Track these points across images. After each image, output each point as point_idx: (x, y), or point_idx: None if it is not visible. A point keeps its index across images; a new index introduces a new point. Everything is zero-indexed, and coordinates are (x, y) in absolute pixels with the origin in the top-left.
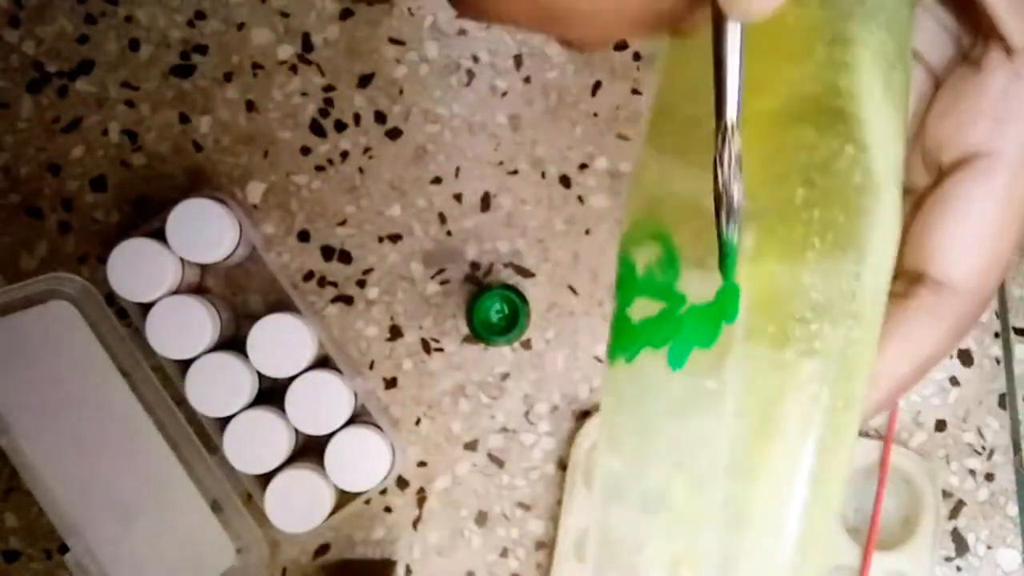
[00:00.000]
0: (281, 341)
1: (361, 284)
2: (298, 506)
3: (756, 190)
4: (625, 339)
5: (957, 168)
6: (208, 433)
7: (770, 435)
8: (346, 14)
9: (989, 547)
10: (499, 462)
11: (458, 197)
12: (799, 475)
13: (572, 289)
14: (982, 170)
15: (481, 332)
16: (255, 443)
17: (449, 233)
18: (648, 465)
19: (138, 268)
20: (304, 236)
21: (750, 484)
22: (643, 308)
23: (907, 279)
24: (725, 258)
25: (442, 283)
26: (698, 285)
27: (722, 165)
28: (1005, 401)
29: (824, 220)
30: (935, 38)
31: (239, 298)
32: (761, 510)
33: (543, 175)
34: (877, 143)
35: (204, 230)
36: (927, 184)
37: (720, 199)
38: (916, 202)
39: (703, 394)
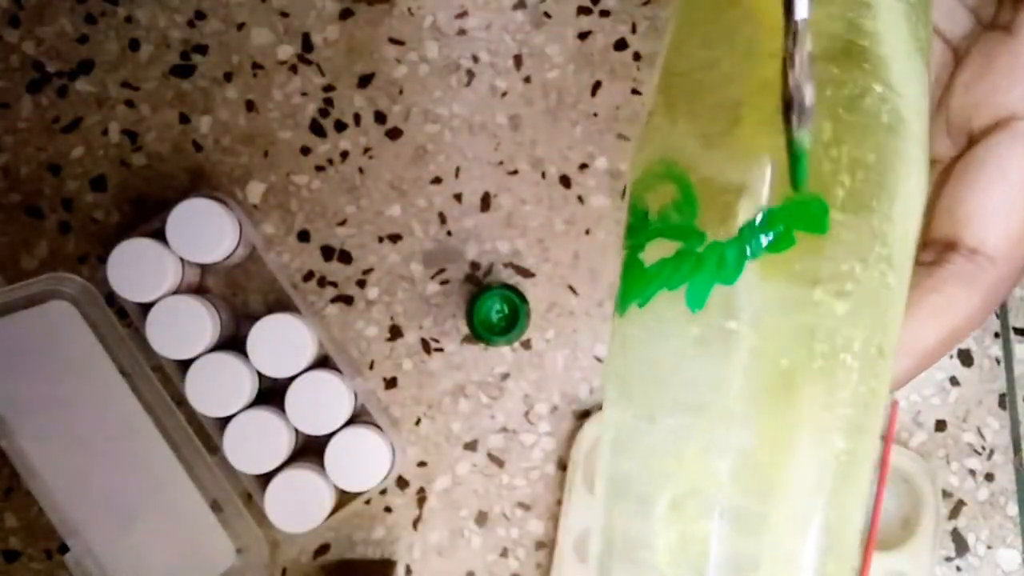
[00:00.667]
0: (281, 341)
1: (361, 284)
2: (298, 506)
3: (780, 125)
4: (638, 285)
5: (991, 132)
6: (208, 433)
7: (799, 379)
8: (346, 14)
9: (989, 547)
10: (499, 462)
11: (458, 197)
12: (832, 421)
13: (572, 289)
14: (1019, 132)
15: (481, 332)
16: (255, 443)
17: (449, 233)
18: (660, 411)
19: (138, 268)
20: (304, 236)
21: (772, 428)
22: (657, 251)
23: (937, 248)
24: (796, 164)
25: (442, 283)
26: (717, 224)
27: (793, 66)
28: (1005, 401)
29: (853, 158)
30: (952, 12)
31: (239, 298)
32: (783, 453)
33: (543, 175)
34: (904, 87)
35: (204, 230)
36: (953, 154)
37: (791, 100)
38: (943, 172)
39: (722, 335)
